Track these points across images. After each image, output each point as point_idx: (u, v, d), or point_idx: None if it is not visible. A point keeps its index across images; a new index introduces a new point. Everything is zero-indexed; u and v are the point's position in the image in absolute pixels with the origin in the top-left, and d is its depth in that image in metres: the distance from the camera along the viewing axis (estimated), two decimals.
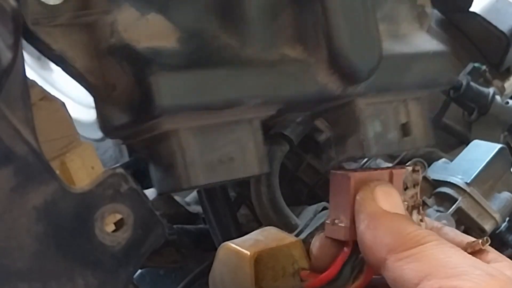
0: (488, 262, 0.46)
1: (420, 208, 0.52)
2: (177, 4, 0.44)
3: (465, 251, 0.46)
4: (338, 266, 0.49)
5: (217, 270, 0.54)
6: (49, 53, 0.41)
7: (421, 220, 0.51)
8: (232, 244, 0.53)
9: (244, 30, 0.46)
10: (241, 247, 0.52)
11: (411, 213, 0.51)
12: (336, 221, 0.49)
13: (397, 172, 0.49)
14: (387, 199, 0.47)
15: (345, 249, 0.50)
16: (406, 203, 0.50)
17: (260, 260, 0.51)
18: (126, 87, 0.41)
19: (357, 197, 0.48)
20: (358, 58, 0.47)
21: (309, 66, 0.47)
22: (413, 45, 0.53)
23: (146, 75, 0.40)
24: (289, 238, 0.54)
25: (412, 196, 0.51)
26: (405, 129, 0.52)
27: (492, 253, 0.48)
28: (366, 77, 0.48)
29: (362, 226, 0.46)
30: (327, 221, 0.50)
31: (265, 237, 0.53)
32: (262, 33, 0.47)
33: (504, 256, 0.48)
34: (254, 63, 0.45)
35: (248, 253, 0.51)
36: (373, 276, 0.50)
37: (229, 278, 0.53)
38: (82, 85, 0.43)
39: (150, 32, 0.42)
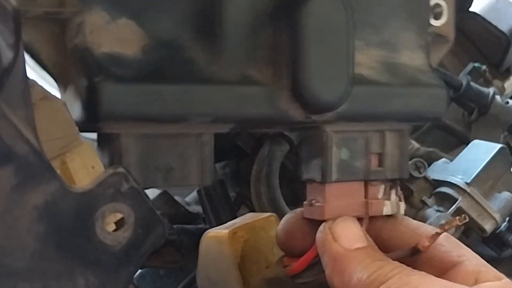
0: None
1: (398, 188, 0.52)
2: (153, 12, 0.45)
3: (443, 228, 0.46)
4: (316, 247, 0.49)
5: (202, 264, 0.54)
6: None
7: (400, 200, 0.52)
8: (212, 231, 0.53)
9: (216, 45, 0.46)
10: (217, 231, 0.53)
11: (389, 194, 0.51)
12: (313, 201, 0.50)
13: (375, 202, 0.50)
14: (347, 233, 0.47)
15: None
16: (383, 185, 0.51)
17: (243, 256, 0.52)
18: (80, 87, 0.42)
19: (317, 238, 0.48)
20: (322, 91, 0.46)
21: (272, 90, 0.46)
22: (405, 76, 0.52)
23: (94, 82, 0.41)
24: (264, 214, 0.54)
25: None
26: (378, 160, 0.51)
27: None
28: (330, 110, 0.47)
29: (328, 270, 0.46)
30: (305, 203, 0.51)
31: (242, 220, 0.54)
32: (234, 50, 0.46)
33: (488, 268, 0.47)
34: (212, 81, 0.45)
35: (226, 231, 0.51)
36: None
37: (212, 268, 0.53)
38: (48, 73, 0.45)
39: (116, 37, 0.43)
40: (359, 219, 0.51)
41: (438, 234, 0.47)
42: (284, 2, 0.47)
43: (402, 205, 0.52)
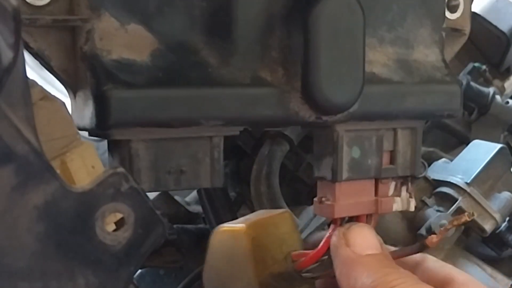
0: None
1: (409, 184, 0.52)
2: (162, 16, 0.44)
3: (452, 223, 0.46)
4: (326, 243, 0.50)
5: (212, 259, 0.54)
6: (26, 49, 0.43)
7: (410, 197, 0.52)
8: (225, 225, 0.53)
9: (228, 47, 0.46)
10: (232, 225, 0.52)
11: (400, 190, 0.51)
12: (323, 199, 0.50)
13: (384, 200, 0.51)
14: (360, 240, 0.47)
15: (332, 226, 0.50)
16: (394, 182, 0.51)
17: (257, 250, 0.51)
18: (90, 94, 0.42)
19: (331, 241, 0.48)
20: (333, 93, 0.46)
21: (283, 91, 0.46)
22: (419, 73, 0.51)
23: (103, 90, 0.41)
24: (278, 210, 0.55)
25: None
26: (390, 157, 0.51)
27: None
28: (340, 111, 0.47)
29: (338, 273, 0.47)
30: (315, 199, 0.51)
31: (255, 215, 0.54)
32: (246, 52, 0.46)
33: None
34: (223, 83, 0.45)
35: (243, 225, 0.51)
36: None
37: (225, 263, 0.53)
38: (58, 80, 0.45)
39: (126, 43, 0.43)
40: (368, 216, 0.51)
41: (446, 229, 0.47)
42: (297, 4, 0.46)
43: (413, 202, 0.52)
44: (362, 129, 0.50)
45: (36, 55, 0.43)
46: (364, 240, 0.47)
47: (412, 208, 0.52)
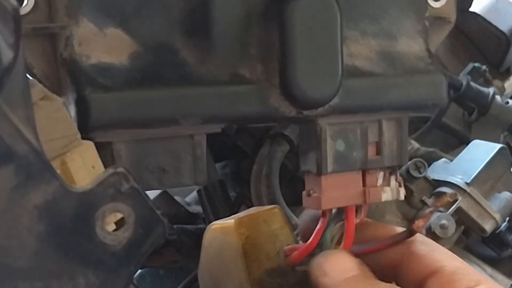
0: None
1: (397, 173, 0.52)
2: (140, 18, 0.45)
3: (435, 205, 0.46)
4: (317, 236, 0.50)
5: (205, 259, 0.54)
6: None
7: (400, 186, 0.52)
8: (216, 223, 0.53)
9: (206, 46, 0.46)
10: (223, 222, 0.53)
11: (389, 180, 0.51)
12: (311, 191, 0.50)
13: (373, 190, 0.50)
14: (336, 267, 0.47)
15: (321, 219, 0.50)
16: (382, 172, 0.51)
17: (244, 253, 0.51)
18: (70, 99, 0.43)
19: (312, 274, 0.48)
20: (311, 87, 0.46)
21: (262, 88, 0.46)
22: (402, 65, 0.51)
23: (83, 94, 0.42)
24: (268, 207, 0.54)
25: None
26: (376, 148, 0.51)
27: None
28: (320, 106, 0.47)
29: None
30: (304, 193, 0.51)
31: (245, 213, 0.54)
32: (224, 50, 0.46)
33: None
34: (202, 82, 0.45)
35: (232, 221, 0.51)
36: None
37: (216, 261, 0.53)
38: None
39: (104, 47, 0.44)
40: (358, 208, 0.51)
41: (431, 212, 0.47)
42: (273, 0, 0.47)
43: (402, 191, 0.52)
44: (346, 122, 0.50)
45: None
46: (339, 265, 0.47)
47: (401, 197, 0.52)
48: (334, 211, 0.51)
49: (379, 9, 0.51)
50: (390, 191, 0.51)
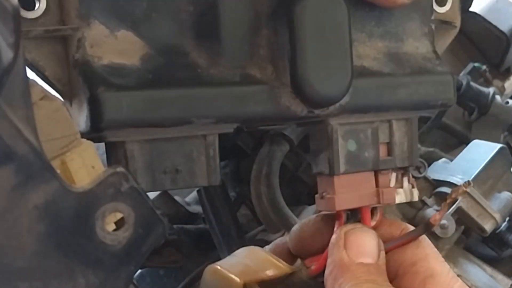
0: None
1: (410, 175, 0.52)
2: (151, 21, 0.45)
3: (451, 197, 0.47)
4: None
5: None
6: None
7: (413, 187, 0.52)
8: (221, 268, 0.51)
9: (217, 48, 0.46)
10: (230, 272, 0.51)
11: (402, 182, 0.51)
12: (324, 193, 0.50)
13: (386, 191, 0.50)
14: (358, 245, 0.47)
15: (337, 222, 0.50)
16: (395, 173, 0.51)
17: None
18: (83, 99, 0.43)
19: (332, 238, 0.48)
20: (321, 85, 0.46)
21: (273, 88, 0.47)
22: (410, 65, 0.52)
23: (95, 92, 0.42)
24: (281, 266, 0.51)
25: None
26: (387, 149, 0.51)
27: None
28: (330, 104, 0.48)
29: (327, 271, 0.46)
30: (316, 196, 0.51)
31: (254, 262, 0.52)
32: (234, 51, 0.47)
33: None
34: (214, 83, 0.45)
35: (238, 280, 0.50)
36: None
37: None
38: (54, 89, 0.45)
39: (116, 49, 0.44)
40: (373, 209, 0.51)
41: (448, 204, 0.47)
42: (281, 1, 0.47)
43: (416, 192, 0.52)
44: (356, 122, 0.50)
45: (31, 66, 0.44)
46: (362, 245, 0.47)
47: (416, 198, 0.52)
48: (349, 215, 0.51)
49: (384, 11, 0.52)
50: (404, 193, 0.52)
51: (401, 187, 0.51)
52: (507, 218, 0.89)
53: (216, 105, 0.45)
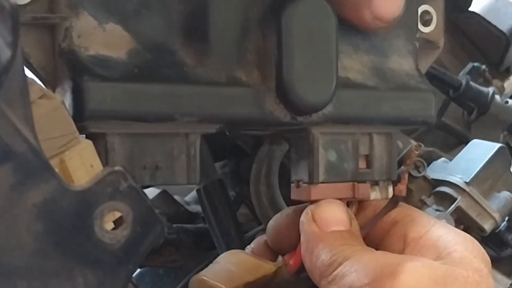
0: None
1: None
2: (141, 17, 0.46)
3: (406, 164, 0.49)
4: None
5: None
6: None
7: (388, 184, 0.52)
8: (205, 278, 0.51)
9: (205, 48, 0.47)
10: (215, 281, 0.51)
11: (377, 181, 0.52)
12: (300, 182, 0.51)
13: (362, 186, 0.51)
14: (327, 216, 0.47)
15: None
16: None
17: None
18: (66, 88, 0.43)
19: (301, 217, 0.48)
20: (305, 92, 0.47)
21: (258, 91, 0.47)
22: (393, 81, 0.53)
23: (79, 81, 0.42)
24: (264, 266, 0.52)
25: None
26: (366, 161, 0.52)
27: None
28: (314, 111, 0.48)
29: (302, 249, 0.47)
30: (292, 184, 0.51)
31: (237, 266, 0.52)
32: (221, 53, 0.47)
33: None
34: (199, 82, 0.46)
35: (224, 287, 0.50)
36: None
37: None
38: (37, 77, 0.46)
39: (103, 41, 0.44)
40: (349, 203, 0.51)
41: (406, 171, 0.49)
42: (272, 7, 0.47)
43: (390, 189, 0.53)
44: (338, 132, 0.51)
45: None
46: (331, 215, 0.48)
47: (390, 195, 0.53)
48: None
49: None
50: (379, 190, 0.52)
51: (377, 184, 0.52)
52: (507, 218, 0.89)
53: (200, 104, 0.45)
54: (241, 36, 0.48)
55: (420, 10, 0.56)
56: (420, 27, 0.56)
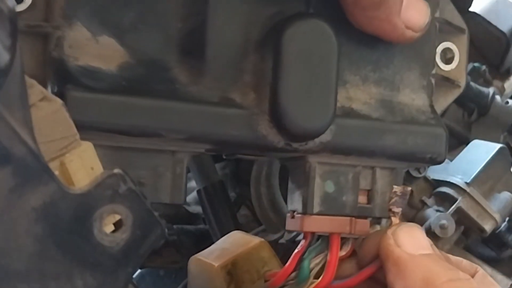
0: None
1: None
2: (136, 32, 0.45)
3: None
4: (294, 260, 0.49)
5: (192, 284, 0.54)
6: None
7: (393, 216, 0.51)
8: (200, 257, 0.52)
9: (200, 67, 0.46)
10: (208, 259, 0.52)
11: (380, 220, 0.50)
12: (295, 212, 0.49)
13: (360, 221, 0.49)
14: (410, 240, 0.46)
15: (302, 241, 0.49)
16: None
17: (235, 264, 0.51)
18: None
19: (380, 243, 0.46)
20: (299, 117, 0.45)
21: (252, 114, 0.46)
22: (401, 114, 0.50)
23: (63, 89, 0.42)
24: (254, 240, 0.53)
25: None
26: (367, 196, 0.50)
27: None
28: (308, 138, 0.46)
29: (391, 276, 0.45)
30: (288, 215, 0.50)
31: (231, 243, 0.53)
32: (217, 73, 0.46)
33: None
34: (190, 100, 0.45)
35: (215, 264, 0.51)
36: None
37: None
38: None
39: (95, 53, 0.44)
40: (344, 240, 0.49)
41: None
42: (271, 29, 0.46)
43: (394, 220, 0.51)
44: (337, 163, 0.49)
45: None
46: (414, 240, 0.46)
47: (395, 222, 0.51)
48: (319, 240, 0.49)
49: (384, 57, 0.50)
50: (380, 229, 0.50)
51: (379, 223, 0.51)
52: (507, 219, 0.89)
53: (188, 121, 0.44)
54: (239, 57, 0.46)
55: (441, 46, 0.53)
56: (441, 64, 0.53)
